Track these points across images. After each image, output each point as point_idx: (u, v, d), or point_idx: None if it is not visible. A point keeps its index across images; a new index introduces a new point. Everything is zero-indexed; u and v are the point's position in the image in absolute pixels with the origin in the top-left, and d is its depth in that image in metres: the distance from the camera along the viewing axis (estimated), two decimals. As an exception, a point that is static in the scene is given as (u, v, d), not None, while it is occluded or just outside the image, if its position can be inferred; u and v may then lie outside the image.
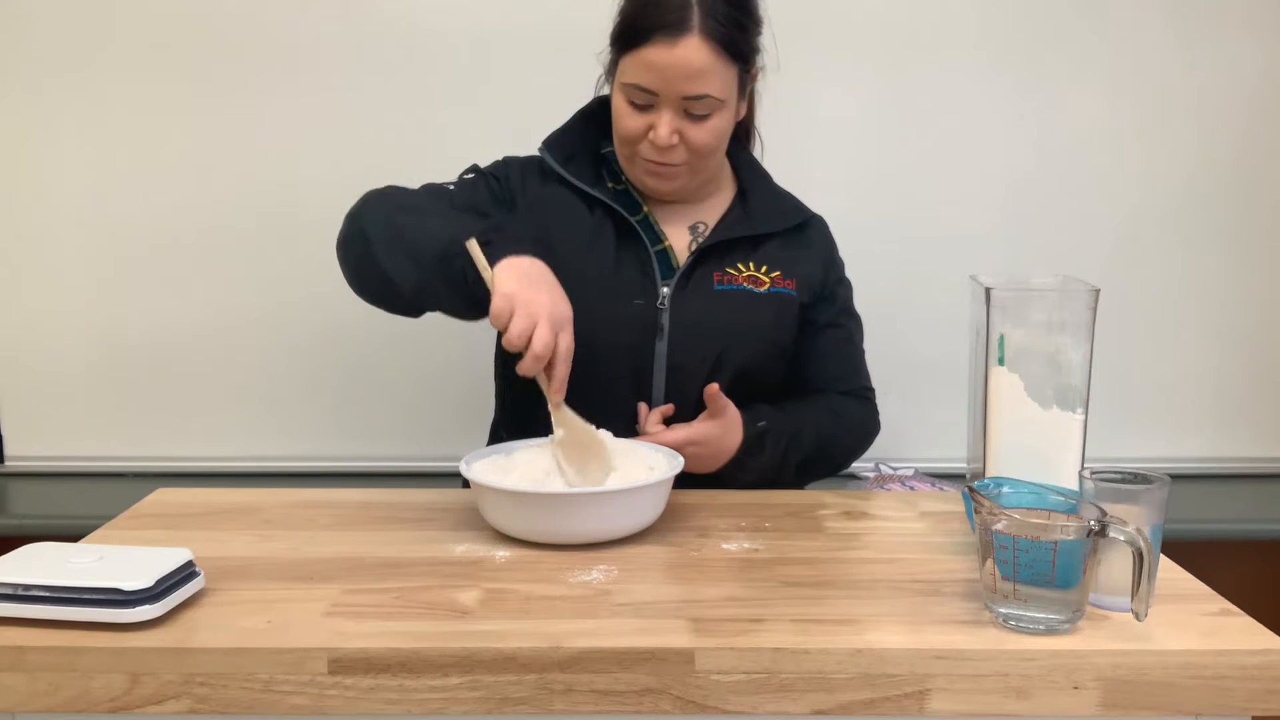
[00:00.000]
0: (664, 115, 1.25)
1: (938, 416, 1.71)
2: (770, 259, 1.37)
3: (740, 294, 1.34)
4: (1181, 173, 1.88)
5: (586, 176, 1.36)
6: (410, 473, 1.87)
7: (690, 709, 0.84)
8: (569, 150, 1.38)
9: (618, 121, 1.30)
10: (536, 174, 1.38)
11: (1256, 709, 0.85)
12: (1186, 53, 1.84)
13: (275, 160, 1.84)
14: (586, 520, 1.05)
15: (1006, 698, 0.84)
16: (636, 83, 1.24)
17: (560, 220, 1.34)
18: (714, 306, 1.33)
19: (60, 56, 1.81)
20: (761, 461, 1.29)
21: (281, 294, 1.86)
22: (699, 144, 1.27)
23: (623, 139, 1.31)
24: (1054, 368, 1.02)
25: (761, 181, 1.43)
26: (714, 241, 1.35)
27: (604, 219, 1.35)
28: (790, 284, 1.37)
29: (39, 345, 1.88)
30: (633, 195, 1.38)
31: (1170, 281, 1.90)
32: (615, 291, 1.31)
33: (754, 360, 1.33)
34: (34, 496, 1.84)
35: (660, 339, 1.31)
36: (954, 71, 1.84)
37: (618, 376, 1.31)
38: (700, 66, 1.22)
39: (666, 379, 1.31)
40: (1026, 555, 0.86)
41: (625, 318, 1.31)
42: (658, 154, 1.28)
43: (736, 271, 1.35)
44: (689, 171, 1.32)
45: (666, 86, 1.23)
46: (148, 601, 0.86)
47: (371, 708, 0.84)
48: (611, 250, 1.33)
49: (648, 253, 1.34)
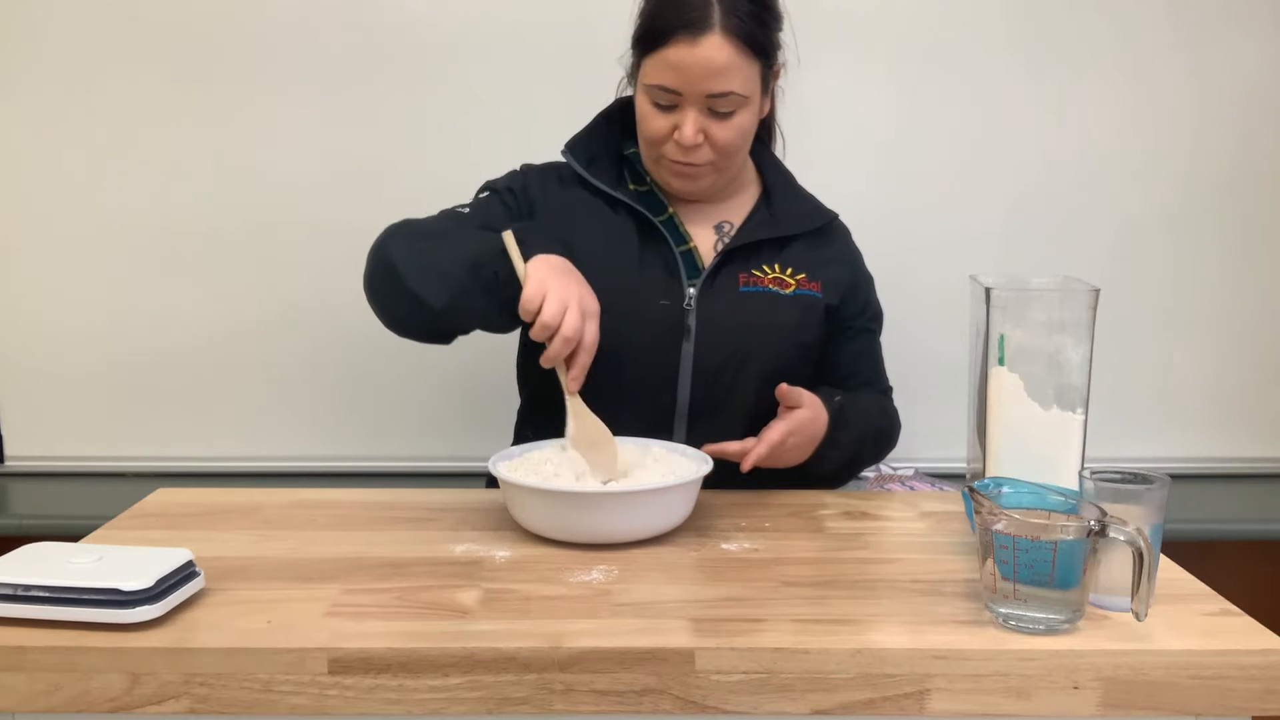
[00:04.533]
0: (689, 115, 1.25)
1: (938, 416, 1.71)
2: (795, 261, 1.37)
3: (766, 295, 1.34)
4: (1181, 173, 1.88)
5: (609, 179, 1.36)
6: (411, 473, 1.87)
7: (690, 709, 0.84)
8: (591, 152, 1.38)
9: (643, 123, 1.30)
10: (555, 180, 1.38)
11: (1256, 709, 0.85)
12: (1186, 53, 1.84)
13: (278, 161, 1.84)
14: (617, 519, 1.06)
15: (1006, 698, 0.84)
16: (660, 83, 1.24)
17: (583, 224, 1.34)
18: (740, 308, 1.32)
19: (62, 58, 1.81)
20: (849, 437, 1.29)
21: (282, 294, 1.86)
22: (724, 142, 1.27)
23: (648, 140, 1.30)
24: (1054, 368, 1.02)
25: (785, 181, 1.43)
26: (740, 243, 1.35)
27: (627, 221, 1.34)
28: (815, 286, 1.37)
29: (39, 345, 1.88)
30: (657, 196, 1.38)
31: (1170, 281, 1.90)
32: (640, 293, 1.31)
33: (780, 362, 1.33)
34: (34, 496, 1.83)
35: (687, 340, 1.31)
36: (955, 74, 1.84)
37: (644, 377, 1.30)
38: (723, 64, 1.22)
39: (693, 380, 1.31)
40: (1026, 555, 0.86)
41: (651, 319, 1.30)
42: (683, 154, 1.28)
43: (762, 273, 1.35)
44: (715, 171, 1.31)
45: (690, 86, 1.23)
46: (148, 602, 0.86)
47: (371, 708, 0.84)
48: (636, 251, 1.33)
49: (673, 254, 1.33)
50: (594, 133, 1.40)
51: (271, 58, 1.81)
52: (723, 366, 1.31)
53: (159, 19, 1.80)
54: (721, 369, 1.31)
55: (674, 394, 1.31)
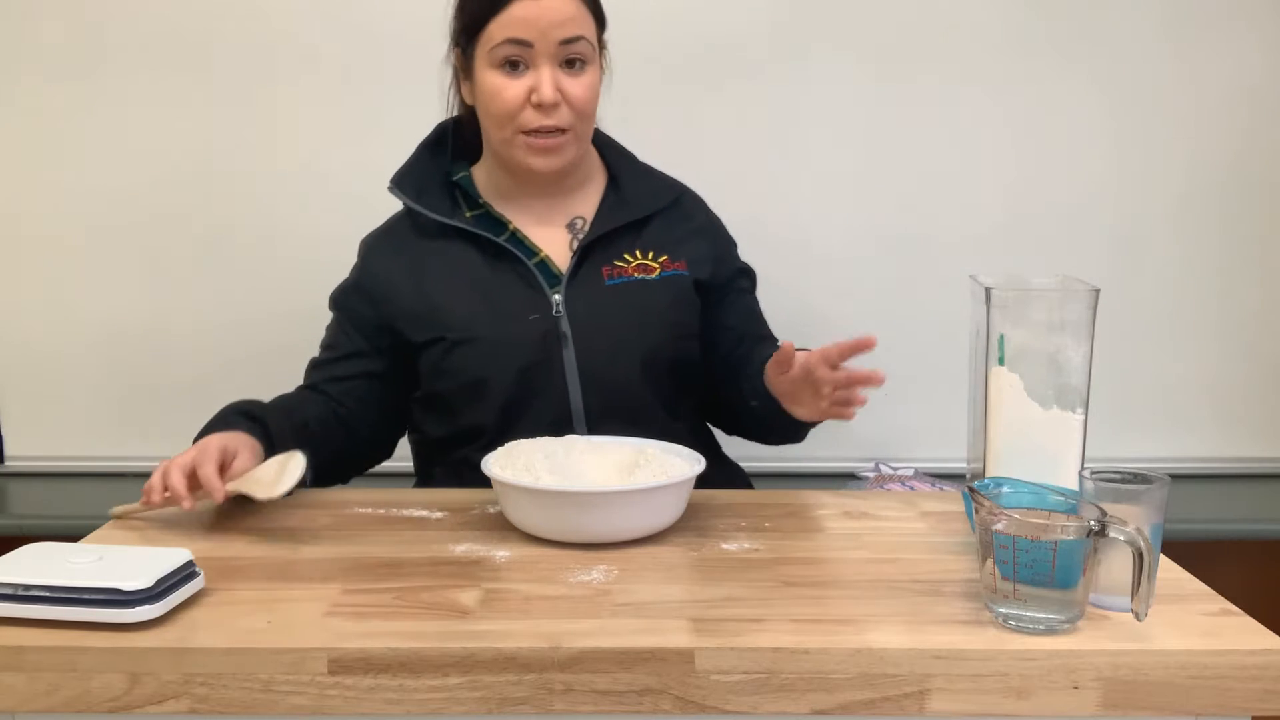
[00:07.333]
0: (543, 70, 1.26)
1: (938, 416, 1.71)
2: (656, 243, 1.37)
3: (633, 284, 1.34)
4: (1181, 173, 1.87)
5: (443, 207, 1.35)
6: (410, 473, 1.86)
7: (690, 709, 0.84)
8: (419, 183, 1.37)
9: (494, 98, 1.28)
10: (391, 246, 1.38)
11: (1256, 709, 0.85)
12: (1186, 53, 1.84)
13: (280, 162, 1.84)
14: (608, 519, 1.06)
15: (1006, 698, 0.84)
16: (511, 36, 1.25)
17: (431, 273, 1.34)
18: (609, 302, 1.32)
19: (61, 56, 1.81)
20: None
21: (283, 294, 1.86)
22: (580, 100, 1.28)
23: (503, 115, 1.28)
24: (1054, 368, 1.02)
25: (628, 162, 1.43)
26: (596, 234, 1.34)
27: (469, 250, 1.34)
28: (680, 265, 1.37)
29: (39, 345, 1.88)
30: (493, 216, 1.36)
31: (1170, 281, 1.90)
32: (503, 315, 1.31)
33: (662, 347, 1.33)
34: (34, 496, 1.84)
35: (566, 346, 1.30)
36: (955, 73, 1.84)
37: (533, 393, 1.30)
38: (571, 11, 1.26)
39: (581, 384, 1.31)
40: (1026, 555, 0.86)
41: (524, 336, 1.30)
42: (544, 116, 1.27)
43: (625, 263, 1.35)
44: (575, 140, 1.31)
45: (541, 35, 1.25)
46: (148, 601, 0.87)
47: (371, 708, 0.84)
48: (488, 276, 1.32)
49: (526, 267, 1.33)
50: (418, 162, 1.39)
51: (274, 60, 1.81)
52: (605, 364, 1.31)
53: (163, 18, 1.80)
54: (605, 366, 1.31)
55: (566, 401, 1.30)
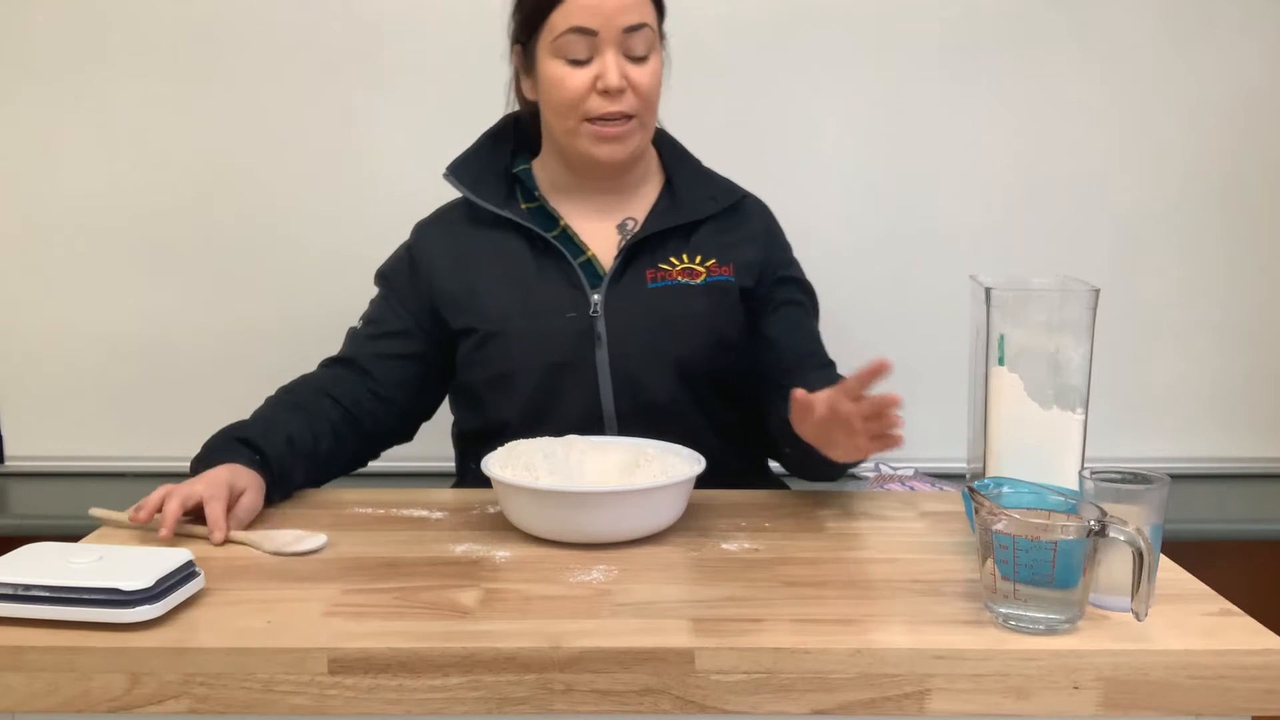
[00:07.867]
0: (608, 56, 1.25)
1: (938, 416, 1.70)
2: (704, 247, 1.35)
3: (675, 289, 1.32)
4: (1181, 172, 1.87)
5: (497, 198, 1.35)
6: (410, 473, 1.86)
7: (690, 709, 0.84)
8: (475, 173, 1.37)
9: (558, 88, 1.28)
10: (443, 232, 1.38)
11: (1256, 709, 0.85)
12: (1185, 53, 1.84)
13: (281, 163, 1.84)
14: (608, 519, 1.06)
15: (1006, 698, 0.84)
16: (575, 25, 1.24)
17: (477, 263, 1.34)
18: (649, 306, 1.31)
19: (61, 56, 1.81)
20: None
21: (283, 294, 1.86)
22: (645, 87, 1.27)
23: (567, 104, 1.28)
24: (1054, 368, 1.02)
25: (687, 164, 1.41)
26: (642, 236, 1.33)
27: (520, 242, 1.34)
28: (727, 270, 1.34)
29: (39, 345, 1.88)
30: (547, 211, 1.37)
31: (1170, 281, 1.90)
32: (541, 311, 1.30)
33: (699, 354, 1.32)
34: (34, 496, 1.83)
35: (599, 347, 1.30)
36: (955, 72, 1.84)
37: (565, 391, 1.30)
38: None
39: (614, 386, 1.30)
40: (1026, 555, 0.86)
41: (558, 334, 1.30)
42: (609, 103, 1.26)
43: (670, 266, 1.33)
44: (640, 128, 1.30)
45: (606, 22, 1.24)
46: (148, 601, 0.87)
47: (371, 708, 0.84)
48: (533, 270, 1.32)
49: (571, 266, 1.32)
50: (479, 152, 1.39)
51: (273, 60, 1.81)
52: (638, 367, 1.30)
53: (162, 18, 1.80)
54: (637, 370, 1.30)
55: (598, 402, 1.30)
